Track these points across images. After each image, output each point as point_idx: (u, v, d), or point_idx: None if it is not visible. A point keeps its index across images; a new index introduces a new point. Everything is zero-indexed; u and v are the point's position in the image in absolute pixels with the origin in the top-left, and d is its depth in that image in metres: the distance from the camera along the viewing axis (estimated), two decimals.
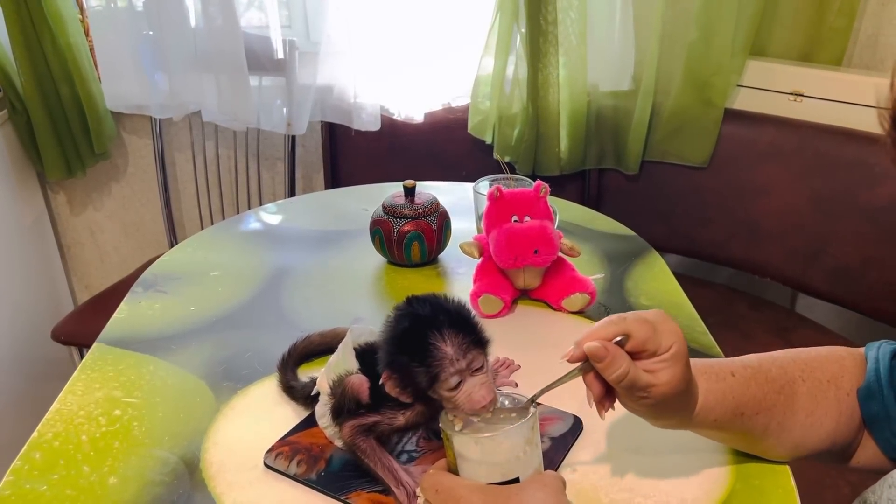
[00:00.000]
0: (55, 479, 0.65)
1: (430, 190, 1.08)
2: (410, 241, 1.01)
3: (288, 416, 0.73)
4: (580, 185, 1.75)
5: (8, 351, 1.61)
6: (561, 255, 0.94)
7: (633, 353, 0.54)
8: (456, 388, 0.55)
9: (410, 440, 0.68)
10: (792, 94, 1.51)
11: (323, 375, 0.66)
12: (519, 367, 0.80)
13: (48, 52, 1.61)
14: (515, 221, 0.91)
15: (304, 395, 0.72)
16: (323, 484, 0.64)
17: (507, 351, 0.82)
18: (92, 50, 1.69)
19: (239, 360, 0.83)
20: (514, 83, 1.62)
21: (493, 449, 0.53)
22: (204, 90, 1.69)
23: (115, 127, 1.82)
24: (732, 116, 1.57)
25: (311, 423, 0.70)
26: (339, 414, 0.63)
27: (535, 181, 0.94)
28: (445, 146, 1.75)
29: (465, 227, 1.11)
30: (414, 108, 1.71)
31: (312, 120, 1.73)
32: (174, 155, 1.89)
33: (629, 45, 1.62)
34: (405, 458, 0.66)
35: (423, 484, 0.56)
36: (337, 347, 0.67)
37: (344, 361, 0.64)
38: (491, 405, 0.55)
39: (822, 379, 0.64)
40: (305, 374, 0.76)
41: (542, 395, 0.57)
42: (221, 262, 1.06)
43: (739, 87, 1.58)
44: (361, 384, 0.61)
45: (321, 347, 0.80)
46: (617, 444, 0.69)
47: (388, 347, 0.57)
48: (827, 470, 1.10)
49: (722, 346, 0.85)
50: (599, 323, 0.55)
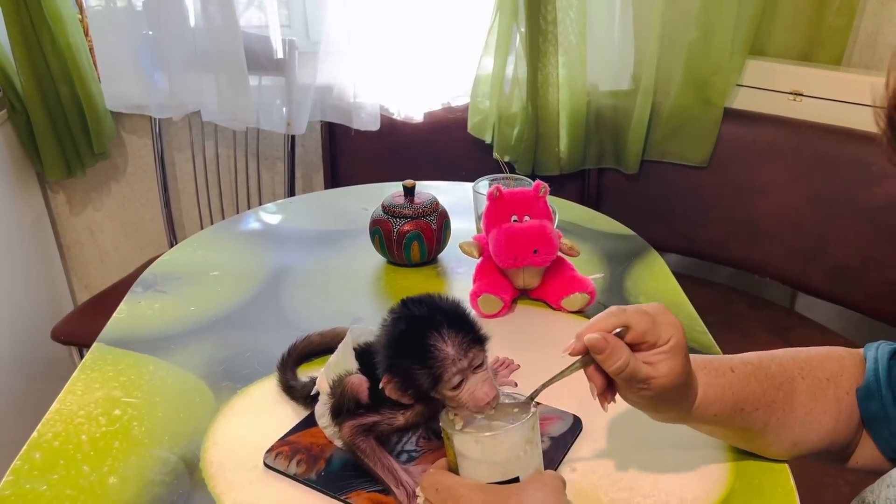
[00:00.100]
0: (55, 478, 0.65)
1: (429, 189, 1.08)
2: (410, 240, 1.01)
3: (288, 415, 0.73)
4: (580, 184, 1.75)
5: (8, 351, 1.61)
6: (560, 254, 0.94)
7: (632, 344, 0.55)
8: (458, 386, 0.55)
9: (410, 440, 0.68)
10: (791, 93, 1.51)
11: (323, 375, 0.66)
12: (518, 366, 0.80)
13: (48, 51, 1.61)
14: (515, 221, 0.91)
15: (303, 394, 0.73)
16: (323, 484, 0.64)
17: (506, 350, 0.82)
18: (91, 50, 1.69)
19: (239, 359, 0.83)
20: (513, 83, 1.62)
21: (493, 448, 0.53)
22: (203, 90, 1.69)
23: (114, 127, 1.82)
24: (732, 116, 1.57)
25: (310, 422, 0.70)
26: (338, 414, 0.63)
27: (534, 181, 0.94)
28: (445, 146, 1.75)
29: (464, 226, 1.11)
30: (413, 107, 1.71)
31: (312, 120, 1.73)
32: (174, 155, 1.89)
33: (629, 44, 1.62)
34: (405, 457, 0.66)
35: (423, 483, 0.56)
36: (336, 347, 0.67)
37: (344, 361, 0.64)
38: (494, 401, 0.55)
39: (821, 377, 0.64)
40: (305, 373, 0.76)
41: (544, 389, 0.57)
42: (221, 261, 1.06)
43: (739, 86, 1.58)
44: (361, 384, 0.61)
45: (321, 347, 0.80)
46: (617, 443, 0.70)
47: (386, 351, 0.57)
48: (826, 469, 1.10)
49: (721, 345, 0.85)
50: (599, 315, 0.56)
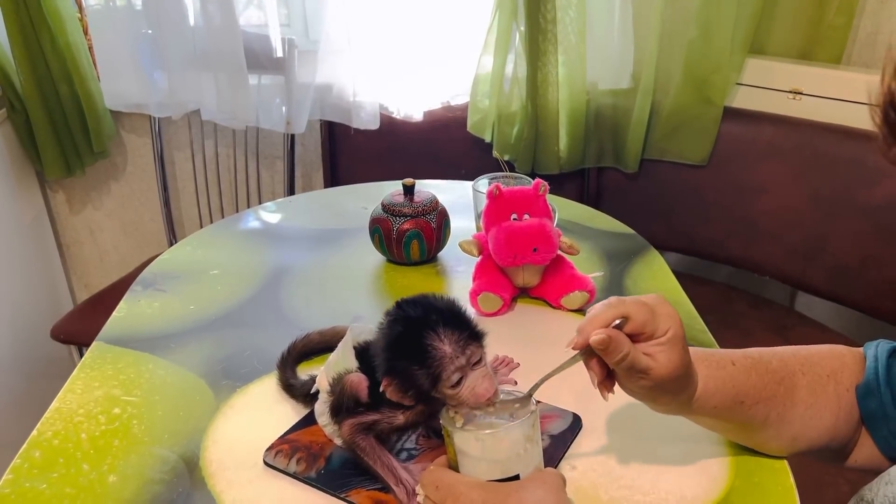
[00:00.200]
0: (55, 477, 0.65)
1: (429, 188, 1.08)
2: (410, 239, 1.01)
3: (287, 414, 0.73)
4: (579, 183, 1.75)
5: (7, 350, 1.61)
6: (560, 253, 0.94)
7: (631, 335, 0.55)
8: (458, 384, 0.55)
9: (410, 438, 0.68)
10: (791, 92, 1.51)
11: (322, 373, 0.66)
12: (518, 364, 0.80)
13: (47, 50, 1.60)
14: (514, 220, 0.91)
15: (303, 393, 0.73)
16: (322, 482, 0.64)
17: (506, 349, 0.82)
18: (91, 49, 1.69)
19: (238, 358, 0.83)
20: (513, 82, 1.62)
21: (494, 445, 0.53)
22: (203, 89, 1.69)
23: (114, 126, 1.82)
24: (731, 115, 1.57)
25: (310, 421, 0.70)
26: (338, 412, 0.63)
27: (534, 179, 0.94)
28: (444, 145, 1.75)
29: (464, 225, 1.11)
30: (413, 106, 1.71)
31: (311, 118, 1.73)
32: (173, 154, 1.89)
33: (628, 43, 1.62)
34: (405, 456, 0.66)
35: (423, 480, 0.56)
36: (336, 346, 0.67)
37: (343, 360, 0.64)
38: (495, 396, 0.56)
39: (821, 374, 0.64)
40: (305, 372, 0.76)
41: (544, 382, 0.57)
42: (221, 260, 1.06)
43: (738, 85, 1.58)
44: (360, 382, 0.61)
45: (320, 346, 0.80)
46: (616, 441, 0.70)
47: (385, 354, 0.57)
48: (826, 468, 1.10)
49: (721, 344, 0.85)
50: (599, 306, 0.56)
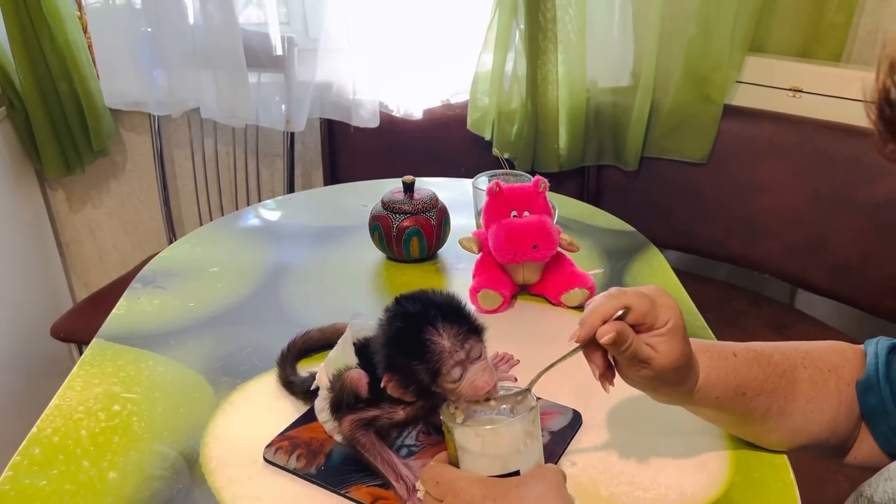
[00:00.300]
0: (54, 474, 0.65)
1: (429, 186, 1.08)
2: (409, 236, 1.01)
3: (287, 410, 0.73)
4: (579, 181, 1.75)
5: (7, 348, 1.61)
6: (560, 250, 0.94)
7: (631, 325, 0.56)
8: (458, 379, 0.55)
9: (410, 434, 0.68)
10: (791, 90, 1.51)
11: (322, 370, 0.66)
12: (518, 361, 0.80)
13: (46, 49, 1.60)
14: (514, 217, 0.91)
15: (303, 389, 0.73)
16: (322, 478, 0.64)
17: (506, 346, 0.82)
18: (90, 47, 1.68)
19: (238, 355, 0.83)
20: (513, 80, 1.62)
21: (494, 441, 0.53)
22: (202, 87, 1.68)
23: (113, 124, 1.81)
24: (731, 112, 1.56)
25: (310, 417, 0.70)
26: (338, 408, 0.63)
27: (534, 177, 0.94)
28: (444, 143, 1.75)
29: (464, 222, 1.11)
30: (413, 104, 1.71)
31: (311, 117, 1.73)
32: (173, 152, 1.89)
33: (628, 41, 1.62)
34: (405, 452, 0.66)
35: (423, 476, 0.56)
36: (336, 343, 0.67)
37: (343, 356, 0.64)
38: (494, 390, 0.56)
39: (823, 368, 0.65)
40: (305, 369, 0.76)
41: (546, 372, 0.57)
42: (220, 258, 1.06)
43: (738, 83, 1.57)
44: (360, 378, 0.61)
45: (320, 343, 0.80)
46: (617, 437, 0.70)
47: (385, 350, 0.57)
48: (826, 465, 1.10)
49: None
50: (600, 297, 0.56)
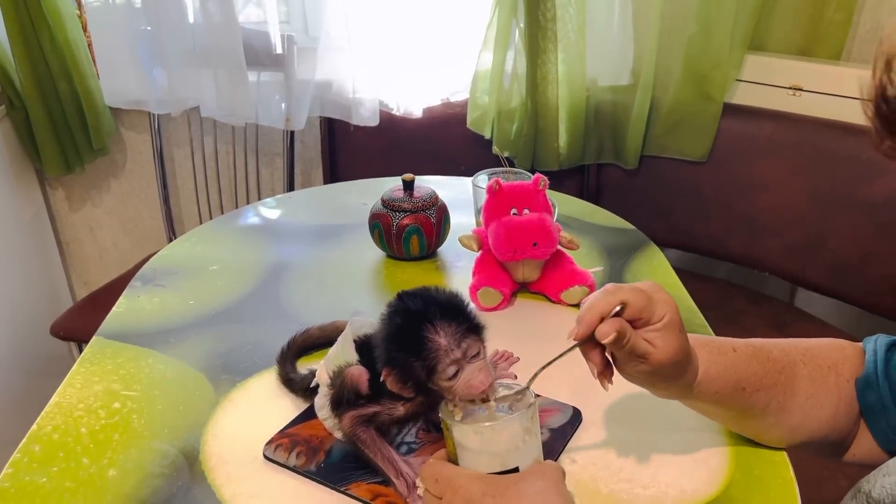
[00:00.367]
0: (55, 471, 0.65)
1: (428, 184, 1.08)
2: (409, 234, 1.01)
3: (287, 408, 0.73)
4: (579, 180, 1.75)
5: (7, 347, 1.61)
6: (560, 248, 0.94)
7: (628, 321, 0.56)
8: (454, 377, 0.55)
9: (410, 431, 0.68)
10: (791, 88, 1.51)
11: (322, 367, 0.66)
12: (518, 359, 0.80)
13: (46, 48, 1.60)
14: (514, 214, 0.91)
15: (303, 387, 0.73)
16: (322, 475, 0.64)
17: (506, 343, 0.82)
18: (90, 46, 1.68)
19: (238, 353, 0.83)
20: (512, 78, 1.62)
21: (493, 438, 0.54)
22: (202, 86, 1.68)
23: (113, 123, 1.81)
24: (731, 111, 1.56)
25: (310, 415, 0.70)
26: (338, 405, 0.63)
27: (534, 175, 0.94)
28: (444, 141, 1.75)
29: (464, 220, 1.11)
30: (413, 103, 1.71)
31: (311, 115, 1.73)
32: (173, 150, 1.89)
33: (628, 39, 1.62)
34: (404, 449, 0.66)
35: (422, 473, 0.56)
36: (336, 341, 0.67)
37: (343, 353, 0.64)
38: (490, 389, 0.56)
39: (822, 365, 0.65)
40: (304, 367, 0.76)
41: (544, 369, 0.57)
42: (220, 256, 1.06)
43: (738, 81, 1.57)
44: (361, 375, 0.61)
45: (320, 341, 0.80)
46: (616, 435, 0.70)
47: (384, 345, 0.58)
48: (825, 463, 1.10)
49: None
50: (596, 293, 0.56)
